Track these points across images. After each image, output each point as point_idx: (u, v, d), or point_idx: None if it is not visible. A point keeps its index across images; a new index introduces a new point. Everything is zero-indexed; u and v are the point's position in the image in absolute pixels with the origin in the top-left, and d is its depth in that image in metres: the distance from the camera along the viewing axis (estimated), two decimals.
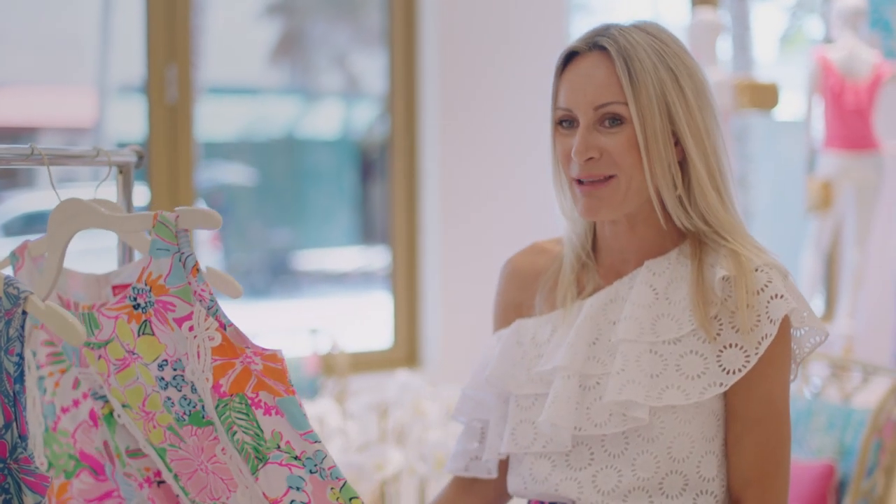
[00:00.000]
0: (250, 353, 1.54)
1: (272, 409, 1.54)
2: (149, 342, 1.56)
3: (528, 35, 4.80)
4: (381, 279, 7.82)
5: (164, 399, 1.58)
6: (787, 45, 9.57)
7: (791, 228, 6.64)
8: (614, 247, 1.78)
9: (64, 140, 8.19)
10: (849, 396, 3.68)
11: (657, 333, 1.69)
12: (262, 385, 1.53)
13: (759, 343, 1.64)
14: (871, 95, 5.57)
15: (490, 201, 4.75)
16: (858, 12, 5.53)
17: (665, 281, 1.72)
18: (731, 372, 1.65)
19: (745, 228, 1.75)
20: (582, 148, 1.67)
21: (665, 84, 1.66)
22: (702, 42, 5.26)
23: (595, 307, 1.75)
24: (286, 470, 1.53)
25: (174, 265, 1.56)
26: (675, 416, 1.67)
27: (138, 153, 1.96)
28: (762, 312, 1.64)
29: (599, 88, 1.67)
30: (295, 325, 4.33)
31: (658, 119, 1.65)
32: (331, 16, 9.67)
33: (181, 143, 4.25)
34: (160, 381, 1.57)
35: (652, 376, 1.67)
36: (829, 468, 3.48)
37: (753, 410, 1.68)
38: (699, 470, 1.69)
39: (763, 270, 1.67)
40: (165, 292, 1.55)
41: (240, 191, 8.88)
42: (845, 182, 5.60)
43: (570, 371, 1.72)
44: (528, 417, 1.77)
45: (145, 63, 4.24)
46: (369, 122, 9.18)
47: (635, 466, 1.68)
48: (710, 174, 1.69)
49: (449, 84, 4.68)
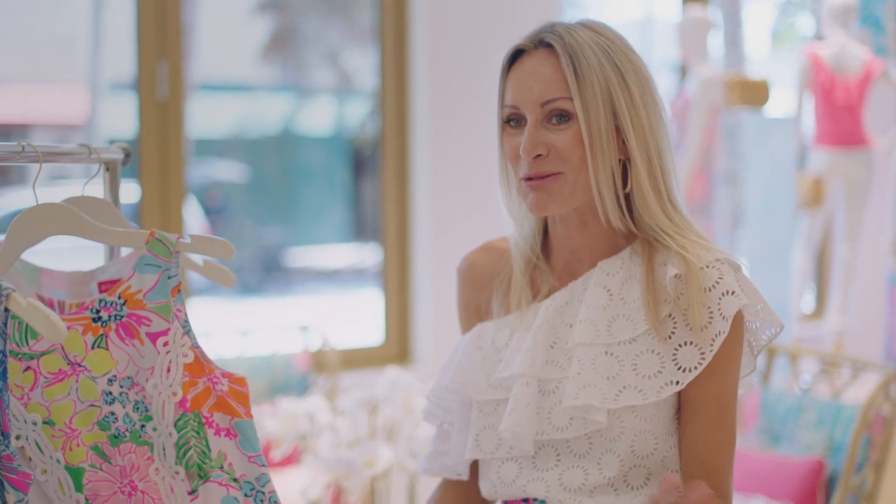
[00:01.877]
0: (218, 374, 1.61)
1: (224, 430, 1.60)
2: (101, 356, 1.57)
3: (518, 32, 4.80)
4: (373, 276, 7.83)
5: (105, 414, 1.58)
6: (779, 42, 9.59)
7: (782, 225, 6.66)
8: (567, 246, 1.77)
9: (56, 137, 8.19)
10: (839, 392, 3.69)
11: (613, 335, 1.69)
12: (221, 405, 1.60)
13: (713, 340, 1.64)
14: (861, 92, 5.58)
15: (481, 198, 4.75)
16: (849, 9, 5.54)
17: (619, 281, 1.71)
18: (686, 370, 1.65)
19: (690, 225, 1.73)
20: (530, 145, 1.67)
21: (610, 80, 1.65)
22: (692, 39, 5.27)
23: (551, 310, 1.74)
24: (224, 490, 1.59)
25: (160, 282, 1.59)
26: (635, 416, 1.67)
27: (125, 150, 1.96)
28: (714, 309, 1.64)
29: (546, 85, 1.67)
30: (286, 322, 4.34)
31: (603, 115, 1.64)
32: (323, 13, 9.68)
33: (172, 140, 4.25)
34: (106, 396, 1.58)
35: (608, 378, 1.67)
36: (818, 464, 3.49)
37: (706, 404, 1.68)
38: (664, 463, 1.70)
39: (714, 267, 1.65)
40: (142, 307, 1.58)
41: (232, 187, 8.89)
42: (836, 178, 5.61)
43: (529, 377, 1.71)
44: (491, 423, 1.77)
45: (136, 60, 4.24)
46: (361, 119, 9.19)
47: (601, 465, 1.69)
48: (650, 172, 1.67)
49: (439, 81, 4.68)
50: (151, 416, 1.59)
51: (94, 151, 1.84)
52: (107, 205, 1.86)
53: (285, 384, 4.06)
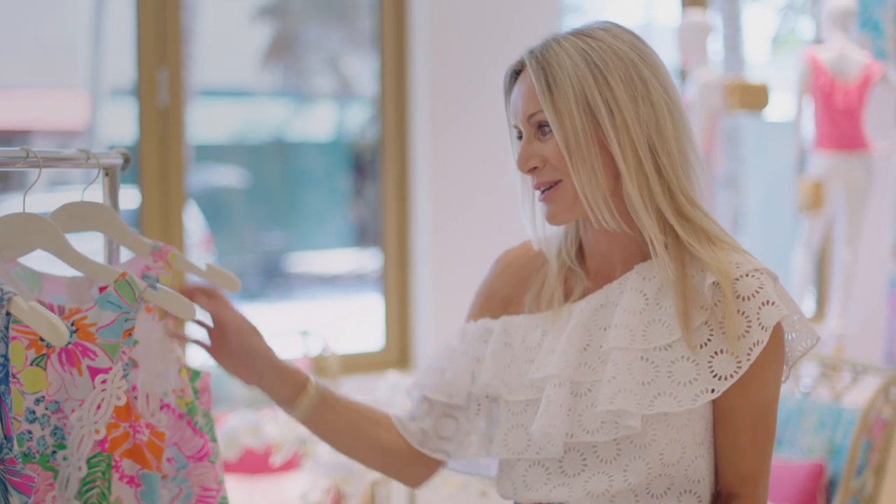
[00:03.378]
0: (143, 423, 1.64)
1: (128, 477, 1.62)
2: (36, 375, 1.58)
3: (518, 37, 4.80)
4: (373, 281, 7.82)
5: (21, 431, 1.57)
6: (779, 47, 9.59)
7: (782, 228, 6.66)
8: (597, 250, 1.77)
9: (57, 143, 8.20)
10: (839, 396, 3.69)
11: (648, 340, 1.67)
12: (134, 453, 1.62)
13: (751, 350, 1.62)
14: (860, 96, 5.58)
15: (481, 204, 4.76)
16: (848, 13, 5.54)
17: (656, 285, 1.70)
18: (722, 378, 1.63)
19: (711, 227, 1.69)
20: (521, 159, 1.70)
21: (585, 81, 1.64)
22: (692, 43, 5.27)
23: (586, 312, 1.74)
24: None
25: (116, 322, 1.60)
26: (668, 424, 1.66)
27: (124, 155, 1.96)
28: (753, 318, 1.62)
29: (527, 100, 1.69)
30: (287, 328, 4.34)
31: (578, 118, 1.63)
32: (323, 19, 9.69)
33: (172, 146, 4.25)
34: (28, 413, 1.58)
35: (643, 384, 1.66)
36: (819, 467, 3.49)
37: (746, 413, 1.67)
38: (687, 473, 1.69)
39: (753, 276, 1.64)
40: (92, 340, 1.59)
41: (232, 193, 8.89)
42: (836, 182, 5.61)
43: (562, 378, 1.71)
44: (520, 423, 1.76)
45: (136, 66, 4.24)
46: (361, 125, 9.19)
47: (627, 472, 1.68)
48: (638, 170, 1.65)
49: (439, 87, 4.68)
50: (66, 446, 1.60)
51: (94, 156, 1.85)
52: (107, 210, 1.86)
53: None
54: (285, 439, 3.11)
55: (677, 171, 1.67)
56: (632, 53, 1.68)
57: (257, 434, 3.10)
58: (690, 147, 1.70)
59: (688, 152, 1.69)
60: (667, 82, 1.70)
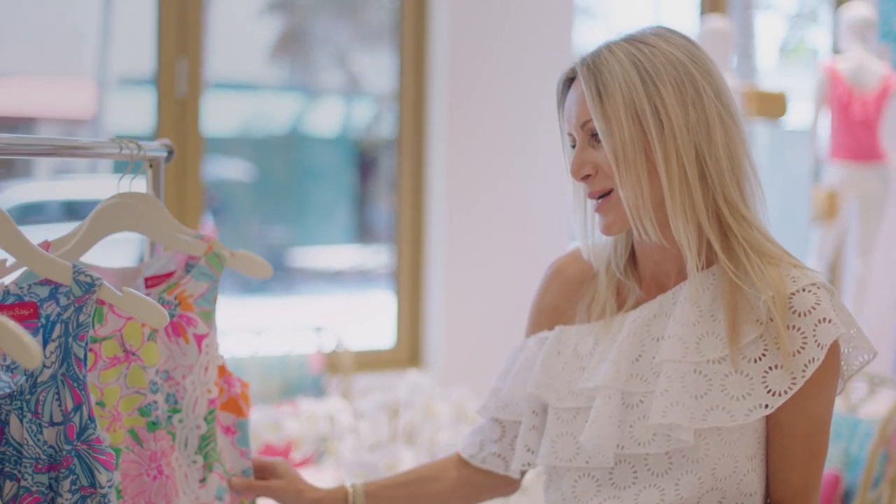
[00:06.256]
0: (234, 378, 1.83)
1: (225, 427, 1.81)
2: (152, 349, 1.68)
3: (534, 36, 4.81)
4: (377, 278, 7.81)
5: (148, 402, 1.67)
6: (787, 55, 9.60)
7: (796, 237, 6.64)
8: (651, 259, 1.75)
9: (62, 131, 8.18)
10: (855, 407, 3.68)
11: (702, 353, 1.66)
12: (231, 405, 1.81)
13: (806, 367, 1.60)
14: (878, 107, 5.57)
15: (496, 202, 4.75)
16: (868, 23, 5.54)
17: (710, 297, 1.68)
18: (776, 394, 1.62)
19: (768, 240, 1.67)
20: (575, 166, 1.69)
21: (635, 88, 1.63)
22: (713, 50, 5.26)
23: (638, 323, 1.72)
24: (219, 480, 1.78)
25: (210, 291, 1.77)
26: (720, 438, 1.65)
27: (168, 148, 1.95)
28: (809, 335, 1.60)
29: (580, 107, 1.68)
30: (298, 323, 4.33)
31: (626, 126, 1.62)
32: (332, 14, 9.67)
33: (190, 137, 4.24)
34: (152, 385, 1.69)
35: (696, 397, 1.64)
36: (834, 478, 3.48)
37: (801, 428, 1.65)
38: (739, 487, 1.68)
39: (810, 291, 1.62)
40: (191, 309, 1.74)
41: (238, 186, 8.87)
42: (850, 193, 5.60)
43: (613, 389, 1.69)
44: (569, 431, 1.75)
45: (156, 56, 4.23)
46: (368, 121, 9.17)
47: (679, 486, 1.66)
48: (682, 179, 1.62)
49: (456, 83, 4.67)
50: (179, 409, 1.73)
51: (140, 147, 1.84)
52: (153, 201, 1.85)
53: (299, 385, 4.05)
54: (305, 435, 3.10)
55: (724, 181, 1.64)
56: (684, 58, 1.66)
57: (277, 430, 3.09)
58: (745, 155, 1.68)
59: (741, 160, 1.67)
60: (720, 88, 1.67)
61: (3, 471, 1.45)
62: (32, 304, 1.51)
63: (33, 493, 1.46)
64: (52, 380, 1.49)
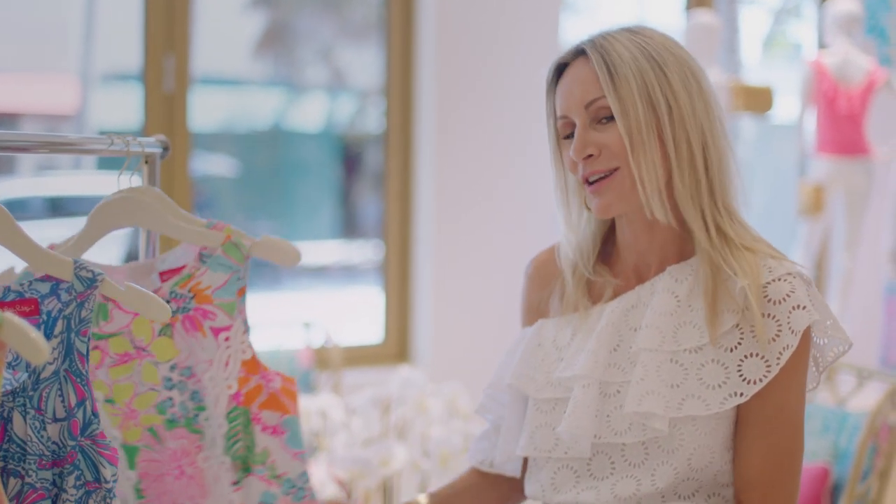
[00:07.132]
0: (271, 373, 1.73)
1: (271, 427, 1.72)
2: (166, 344, 1.66)
3: (523, 29, 4.81)
4: (361, 273, 7.80)
5: (162, 399, 1.65)
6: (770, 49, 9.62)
7: (782, 231, 6.67)
8: (634, 249, 1.76)
9: (46, 127, 8.15)
10: (843, 400, 3.70)
11: (678, 342, 1.67)
12: (272, 402, 1.71)
13: (781, 353, 1.62)
14: (863, 101, 5.59)
15: (484, 197, 4.75)
16: (854, 18, 5.55)
17: (687, 287, 1.70)
18: (751, 382, 1.63)
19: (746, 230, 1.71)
20: (579, 146, 1.68)
21: (646, 72, 1.65)
22: (700, 44, 5.27)
23: (616, 313, 1.74)
24: (265, 485, 1.71)
25: (230, 282, 1.71)
26: (696, 428, 1.66)
27: (163, 143, 1.95)
28: (784, 323, 1.62)
29: (585, 87, 1.69)
30: (286, 319, 4.33)
31: (640, 108, 1.64)
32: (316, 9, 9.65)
33: (178, 133, 4.23)
34: (166, 382, 1.66)
35: (672, 386, 1.66)
36: (823, 471, 3.50)
37: (766, 417, 1.66)
38: (716, 477, 1.69)
39: (786, 280, 1.64)
40: (209, 302, 1.69)
41: (222, 182, 8.85)
42: (837, 187, 5.63)
43: (590, 379, 1.71)
44: (548, 422, 1.76)
45: (143, 52, 4.22)
46: (352, 116, 9.16)
47: (655, 476, 1.68)
48: (691, 163, 1.66)
49: (444, 78, 4.67)
50: (205, 407, 1.68)
51: (138, 143, 1.84)
52: (157, 193, 1.85)
53: None
54: None
55: (721, 173, 1.69)
56: (683, 53, 1.71)
57: None
58: (730, 152, 1.72)
59: (728, 157, 1.71)
60: (708, 81, 1.73)
61: (7, 468, 1.45)
62: (33, 300, 1.51)
63: (38, 489, 1.45)
64: (54, 376, 1.48)
